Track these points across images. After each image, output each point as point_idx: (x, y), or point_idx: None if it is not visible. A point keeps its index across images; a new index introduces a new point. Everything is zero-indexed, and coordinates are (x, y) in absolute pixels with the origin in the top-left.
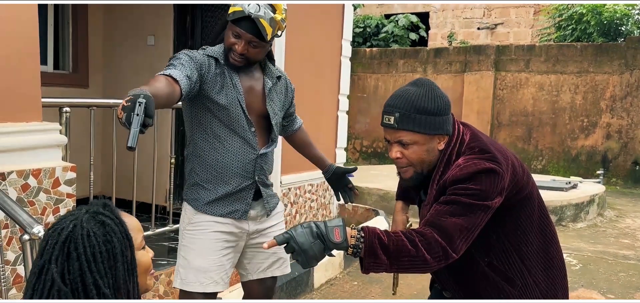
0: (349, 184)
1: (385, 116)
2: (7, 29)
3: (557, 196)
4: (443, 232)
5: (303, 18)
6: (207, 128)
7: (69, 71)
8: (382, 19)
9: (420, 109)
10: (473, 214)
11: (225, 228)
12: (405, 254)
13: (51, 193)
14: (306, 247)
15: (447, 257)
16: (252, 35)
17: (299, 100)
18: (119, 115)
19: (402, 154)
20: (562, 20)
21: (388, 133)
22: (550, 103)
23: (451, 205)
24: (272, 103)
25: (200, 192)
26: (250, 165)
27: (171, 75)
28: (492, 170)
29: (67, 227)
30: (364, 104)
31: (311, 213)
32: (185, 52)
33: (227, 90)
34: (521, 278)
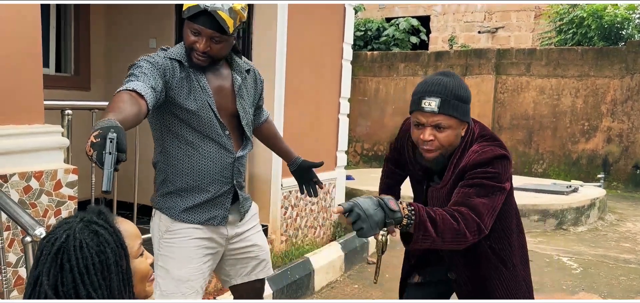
0: (314, 178)
1: (425, 101)
2: (10, 30)
3: (557, 200)
4: (475, 210)
5: (304, 21)
6: (178, 135)
7: (70, 74)
8: (383, 22)
9: (458, 96)
10: (494, 195)
11: (205, 235)
12: (449, 229)
13: (53, 196)
14: (371, 212)
15: (481, 232)
16: (213, 31)
17: (300, 103)
18: (88, 152)
19: (434, 137)
20: (563, 24)
21: (425, 116)
22: (551, 107)
23: (476, 188)
24: (242, 101)
25: (176, 201)
26: (228, 170)
27: (135, 90)
28: (505, 156)
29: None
30: (364, 107)
31: (312, 217)
32: (146, 59)
33: (195, 94)
34: (511, 261)
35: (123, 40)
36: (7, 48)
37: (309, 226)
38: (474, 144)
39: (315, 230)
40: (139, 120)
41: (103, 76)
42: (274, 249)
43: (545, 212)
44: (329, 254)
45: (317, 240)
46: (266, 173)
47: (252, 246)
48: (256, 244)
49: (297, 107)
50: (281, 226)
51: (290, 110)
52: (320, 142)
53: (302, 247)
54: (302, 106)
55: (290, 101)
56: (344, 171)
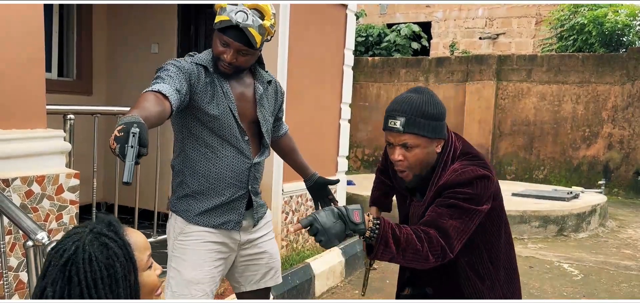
0: (330, 195)
1: (390, 120)
2: (13, 35)
3: (558, 206)
4: (443, 233)
5: (305, 27)
6: (199, 138)
7: (73, 78)
8: (384, 28)
9: (425, 114)
10: (468, 217)
11: (218, 239)
12: (412, 249)
13: (55, 200)
14: (328, 225)
15: (445, 256)
16: (241, 44)
17: (301, 108)
18: (111, 145)
19: (404, 157)
20: (563, 31)
21: (392, 136)
22: (552, 113)
23: (450, 209)
24: (263, 109)
25: (191, 203)
26: (244, 175)
27: (160, 91)
28: (486, 176)
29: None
30: (365, 113)
31: None
32: (173, 63)
33: (218, 100)
34: (489, 277)
35: (125, 45)
36: (10, 53)
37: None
38: (455, 161)
39: None
40: (162, 120)
41: (105, 80)
42: None
43: (546, 218)
44: (329, 259)
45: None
46: (267, 179)
47: (263, 253)
48: (267, 252)
49: (298, 112)
50: (282, 231)
51: (291, 116)
52: (321, 147)
53: (303, 252)
54: (303, 111)
55: (292, 106)
56: (345, 176)
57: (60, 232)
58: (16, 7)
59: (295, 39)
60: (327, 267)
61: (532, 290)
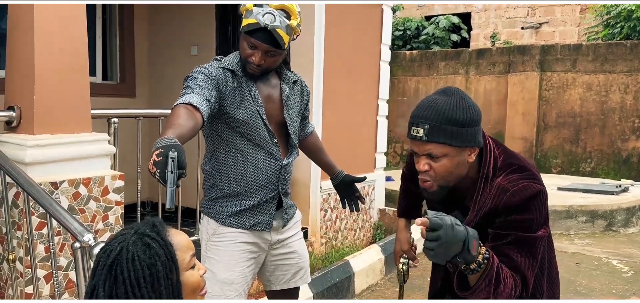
0: (356, 193)
1: (413, 128)
2: (58, 45)
3: (606, 200)
4: (519, 272)
5: (340, 24)
6: (229, 143)
7: (116, 81)
8: (422, 20)
9: (452, 120)
10: (536, 247)
11: (250, 239)
12: (507, 293)
13: (101, 201)
14: (452, 243)
15: (523, 296)
16: (269, 45)
17: (337, 106)
18: (151, 169)
19: (430, 167)
20: (610, 18)
21: (416, 145)
22: (599, 103)
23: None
24: (290, 110)
25: (223, 206)
26: (275, 177)
27: (191, 103)
28: (543, 192)
29: (115, 249)
30: (404, 107)
31: (351, 219)
32: (201, 70)
33: (246, 104)
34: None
35: (166, 47)
36: (56, 62)
37: (349, 228)
38: (497, 174)
39: (355, 232)
40: (196, 132)
41: (147, 83)
42: (314, 252)
43: (593, 213)
44: (369, 257)
45: (357, 243)
46: (305, 177)
47: (293, 253)
48: (296, 252)
49: (335, 110)
50: (321, 229)
51: (328, 114)
52: (358, 144)
53: (342, 249)
54: (340, 109)
55: (328, 105)
56: (383, 173)
57: (106, 233)
58: (60, 14)
59: (330, 37)
60: (367, 264)
61: (579, 288)
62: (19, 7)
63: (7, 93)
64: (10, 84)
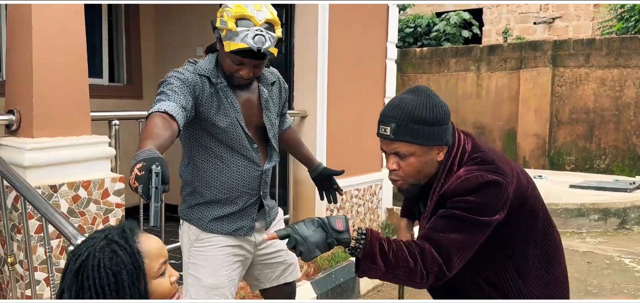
0: (335, 185)
1: (381, 126)
2: (57, 47)
3: (619, 198)
4: (441, 249)
5: (345, 22)
6: (208, 149)
7: (123, 83)
8: (433, 17)
9: (418, 119)
10: (472, 231)
11: (234, 242)
12: (403, 266)
13: (101, 204)
14: (307, 234)
15: (443, 275)
16: (257, 60)
17: (342, 105)
18: (132, 184)
19: (398, 166)
20: (624, 11)
21: (384, 144)
22: (613, 99)
23: (450, 220)
24: (269, 113)
25: (204, 211)
26: (255, 183)
27: (167, 112)
28: (496, 182)
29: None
30: None
31: (358, 218)
32: (176, 75)
33: (224, 111)
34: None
35: (172, 48)
36: (55, 65)
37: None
38: (462, 167)
39: None
40: (173, 142)
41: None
42: None
43: (606, 211)
44: None
45: None
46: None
47: (279, 251)
48: (283, 249)
49: (341, 109)
50: None
51: (333, 113)
52: (365, 143)
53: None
54: (345, 108)
55: (333, 103)
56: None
57: None
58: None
59: (335, 35)
60: None
61: (590, 287)
62: (17, 8)
63: (7, 97)
64: (10, 87)
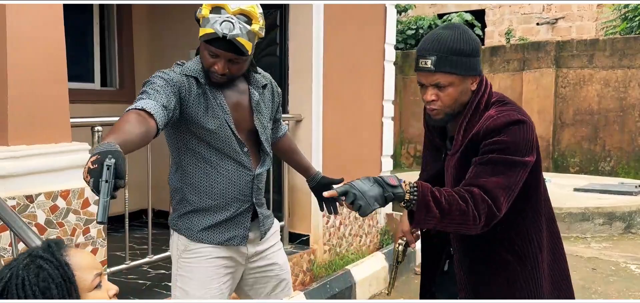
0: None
1: (421, 60)
2: (34, 47)
3: (624, 201)
4: (487, 191)
5: (341, 23)
6: (196, 153)
7: (116, 88)
8: (435, 19)
9: (456, 51)
10: (511, 171)
11: (225, 254)
12: (456, 209)
13: (81, 214)
14: (365, 188)
15: (493, 215)
16: (232, 54)
17: (339, 108)
18: (85, 178)
19: (437, 97)
20: (628, 11)
21: (423, 76)
22: (618, 100)
23: (488, 166)
24: (261, 116)
25: (193, 220)
26: (247, 188)
27: (144, 109)
28: (523, 121)
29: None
30: (417, 108)
31: (356, 224)
32: (161, 75)
33: (213, 112)
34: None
35: (165, 52)
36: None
37: (354, 234)
38: (490, 108)
39: (360, 238)
40: (147, 140)
41: None
42: (316, 260)
43: (611, 215)
44: (371, 265)
45: (363, 249)
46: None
47: (273, 265)
48: (276, 263)
49: (337, 112)
50: (324, 235)
51: (329, 116)
52: (363, 147)
53: (347, 256)
54: (342, 111)
55: (329, 106)
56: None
57: (87, 246)
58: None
59: (331, 37)
60: (369, 273)
61: (595, 295)
62: None
63: None
64: None
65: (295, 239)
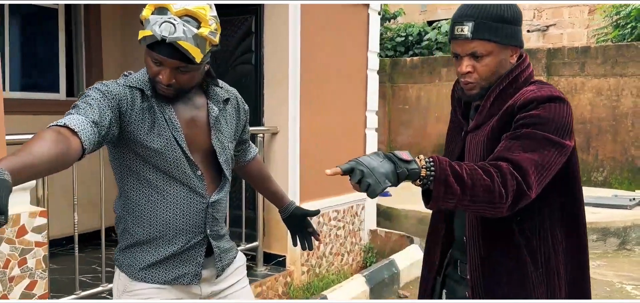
0: (309, 228)
1: (457, 26)
2: None
3: (619, 215)
4: (516, 166)
5: (321, 30)
6: (140, 177)
7: None
8: (424, 26)
9: (496, 16)
10: (547, 150)
11: (172, 295)
12: (480, 185)
13: (16, 244)
14: (374, 164)
15: (521, 194)
16: (177, 61)
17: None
18: None
19: (473, 68)
20: (620, 19)
21: (459, 45)
22: (610, 108)
23: (520, 139)
24: (220, 134)
25: (136, 255)
26: (199, 218)
27: (67, 126)
28: (565, 101)
29: None
30: (406, 116)
31: (338, 243)
32: (98, 87)
33: (159, 129)
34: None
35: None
36: None
37: (335, 253)
38: (527, 86)
39: (342, 256)
40: (66, 162)
41: None
42: (293, 282)
43: (605, 230)
44: (350, 290)
45: (345, 268)
46: None
47: None
48: None
49: (316, 123)
50: (301, 256)
51: (307, 128)
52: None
53: (327, 276)
54: (321, 122)
55: (307, 117)
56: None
57: (24, 279)
58: None
59: (308, 44)
60: (348, 297)
61: None
62: None
63: None
64: None
65: (270, 260)
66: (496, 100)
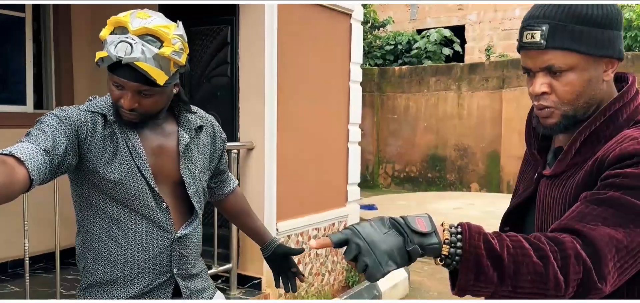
0: (293, 268)
1: (526, 32)
2: None
3: None
4: (589, 245)
5: (300, 40)
6: (99, 210)
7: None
8: (414, 34)
9: (582, 17)
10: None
11: None
12: (527, 271)
13: None
14: (375, 238)
15: (590, 287)
16: (139, 84)
17: (297, 133)
18: None
19: (550, 88)
20: None
21: (530, 57)
22: None
23: (606, 207)
24: (190, 165)
25: (96, 296)
26: (165, 256)
27: (13, 154)
28: None
29: None
30: (394, 126)
31: (318, 262)
32: (55, 114)
33: (121, 158)
34: None
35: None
36: None
37: (315, 273)
38: (630, 127)
39: (322, 276)
40: (8, 195)
41: None
42: None
43: None
44: None
45: (326, 288)
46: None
47: None
48: None
49: (294, 138)
50: None
51: (284, 143)
52: (326, 177)
53: (306, 297)
54: (300, 137)
55: (285, 132)
56: (357, 206)
57: None
58: None
59: (287, 54)
60: None
61: None
62: None
63: None
64: None
65: (245, 283)
66: (586, 143)
